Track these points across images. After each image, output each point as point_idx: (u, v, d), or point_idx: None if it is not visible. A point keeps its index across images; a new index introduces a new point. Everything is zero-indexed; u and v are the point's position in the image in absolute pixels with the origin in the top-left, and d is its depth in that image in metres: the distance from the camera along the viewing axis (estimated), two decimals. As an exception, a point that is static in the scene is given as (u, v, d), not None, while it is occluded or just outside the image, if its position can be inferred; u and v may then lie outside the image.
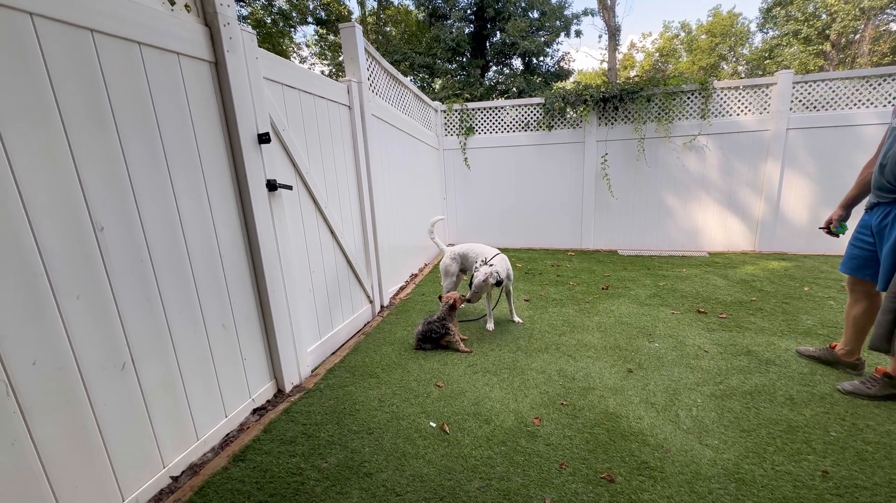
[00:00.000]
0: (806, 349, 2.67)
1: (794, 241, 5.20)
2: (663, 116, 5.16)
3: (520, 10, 15.39)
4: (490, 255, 3.26)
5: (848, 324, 2.43)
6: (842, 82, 4.77)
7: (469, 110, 5.87)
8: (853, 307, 2.39)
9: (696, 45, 25.21)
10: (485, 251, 3.39)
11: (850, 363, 2.45)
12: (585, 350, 2.84)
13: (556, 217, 5.93)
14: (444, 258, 3.63)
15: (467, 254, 3.53)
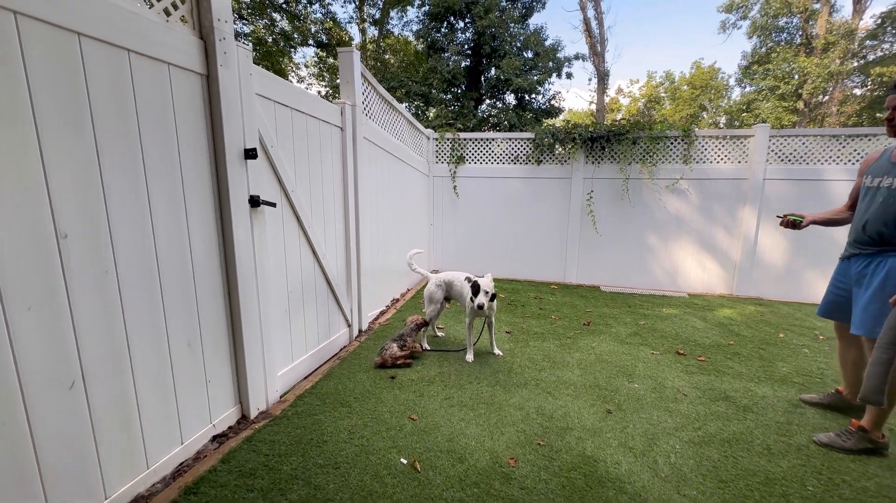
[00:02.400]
0: (811, 397, 2.68)
1: (770, 287, 5.32)
2: (647, 159, 5.34)
3: (515, 49, 16.04)
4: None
5: (847, 368, 2.50)
6: (813, 139, 5.04)
7: (461, 140, 5.97)
8: (847, 352, 2.48)
9: (679, 94, 26.58)
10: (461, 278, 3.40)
11: (858, 405, 2.44)
12: (565, 387, 2.79)
13: (541, 250, 5.98)
14: (429, 284, 3.58)
15: (452, 282, 3.49)
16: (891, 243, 2.11)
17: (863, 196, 2.27)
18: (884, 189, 2.14)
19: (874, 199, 2.17)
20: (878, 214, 2.14)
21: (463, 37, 16.03)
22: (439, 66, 15.08)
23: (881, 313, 2.04)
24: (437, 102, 17.42)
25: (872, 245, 2.18)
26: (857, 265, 2.26)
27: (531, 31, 16.40)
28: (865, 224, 2.20)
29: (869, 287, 2.15)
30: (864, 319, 2.15)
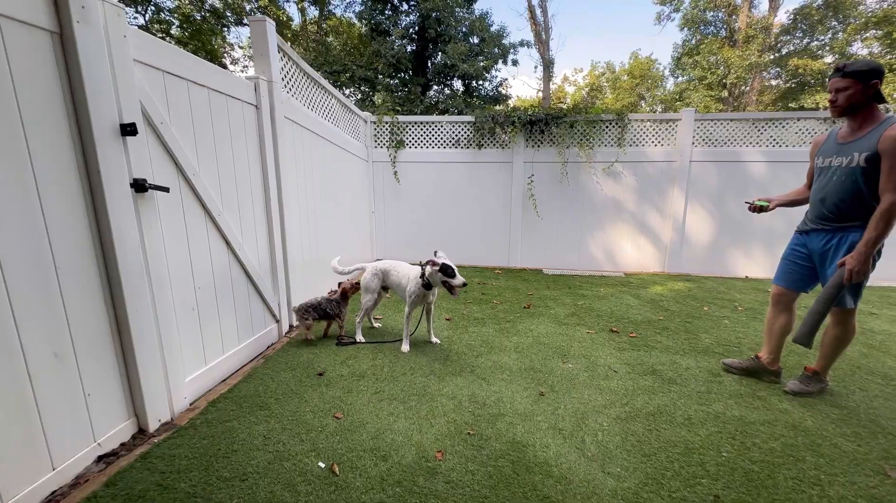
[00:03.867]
0: (732, 361, 2.84)
1: (697, 264, 5.64)
2: (585, 142, 5.42)
3: (461, 35, 15.86)
4: (416, 271, 3.08)
5: (770, 336, 2.67)
6: (734, 123, 5.34)
7: (400, 123, 5.76)
8: (776, 319, 2.64)
9: (620, 84, 27.67)
10: (411, 270, 3.20)
11: (773, 370, 2.68)
12: (500, 372, 2.74)
13: (485, 235, 5.95)
14: (365, 273, 3.41)
15: (389, 271, 3.34)
16: (848, 217, 2.26)
17: (817, 176, 2.43)
18: (835, 168, 2.30)
19: (829, 178, 2.32)
20: (834, 192, 2.29)
21: (407, 20, 15.59)
22: (383, 50, 14.61)
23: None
24: (384, 87, 16.93)
25: (832, 220, 2.33)
26: (818, 241, 2.40)
27: (476, 16, 16.27)
28: (824, 199, 2.34)
29: (833, 263, 2.29)
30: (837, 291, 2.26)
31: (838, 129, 2.37)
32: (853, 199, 2.24)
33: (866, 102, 2.17)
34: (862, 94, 2.15)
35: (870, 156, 2.13)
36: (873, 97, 2.17)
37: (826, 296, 2.22)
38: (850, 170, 2.22)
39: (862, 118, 2.21)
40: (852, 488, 1.74)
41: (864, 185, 2.19)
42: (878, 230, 2.11)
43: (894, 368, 2.88)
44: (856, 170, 2.20)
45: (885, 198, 2.11)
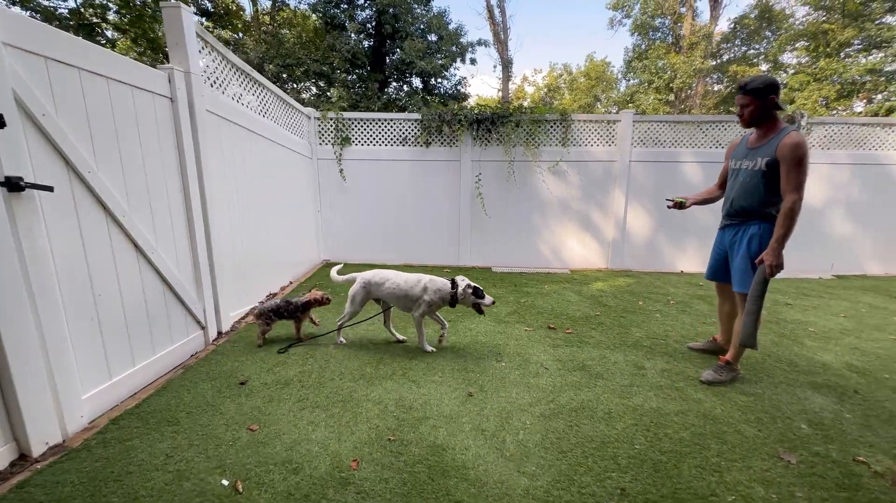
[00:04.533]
0: (696, 344, 3.17)
1: (638, 260, 5.88)
2: (530, 141, 5.50)
3: (418, 32, 15.75)
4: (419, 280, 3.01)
5: (722, 320, 2.95)
6: (669, 125, 5.58)
7: (345, 120, 5.61)
8: (723, 306, 2.93)
9: (577, 85, 28.47)
10: (419, 278, 3.03)
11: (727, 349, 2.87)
12: (433, 374, 2.71)
13: (434, 233, 5.92)
14: (355, 283, 3.15)
15: (382, 283, 3.06)
16: (749, 214, 2.52)
17: (730, 176, 2.67)
18: (743, 170, 2.54)
19: (737, 179, 2.58)
20: (741, 191, 2.55)
21: (363, 14, 15.29)
22: (339, 45, 14.26)
23: (747, 271, 2.50)
24: (340, 83, 16.54)
25: (739, 216, 2.59)
26: (729, 234, 2.67)
27: (434, 13, 16.21)
28: (732, 200, 2.61)
29: (738, 252, 2.57)
30: (737, 278, 2.58)
31: (750, 135, 2.58)
32: (755, 198, 2.48)
33: (767, 114, 2.41)
34: (762, 107, 2.40)
35: (770, 161, 2.37)
36: (773, 108, 2.40)
37: (755, 293, 2.41)
38: (755, 172, 2.45)
39: (766, 127, 2.46)
40: (748, 472, 1.83)
41: (764, 186, 2.43)
42: (784, 227, 2.32)
43: (800, 356, 3.09)
44: (758, 172, 2.43)
45: (787, 198, 2.33)
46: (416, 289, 2.98)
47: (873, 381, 2.70)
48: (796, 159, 2.29)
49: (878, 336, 3.51)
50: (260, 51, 15.42)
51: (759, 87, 2.35)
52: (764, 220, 2.48)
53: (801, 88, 16.28)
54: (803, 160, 2.29)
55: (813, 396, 2.50)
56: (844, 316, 4.00)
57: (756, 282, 2.42)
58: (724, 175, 2.81)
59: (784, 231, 2.33)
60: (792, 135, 2.32)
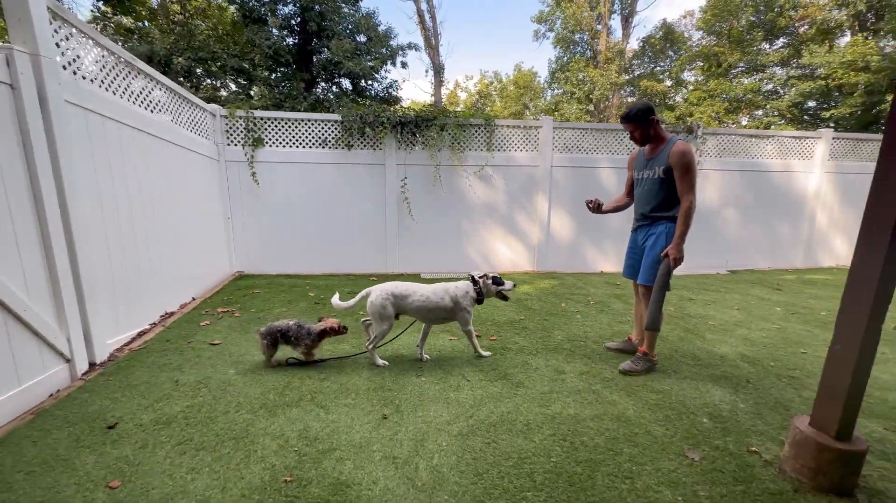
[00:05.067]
0: (612, 344, 3.27)
1: (562, 262, 6.07)
2: (456, 146, 5.45)
3: (347, 32, 15.29)
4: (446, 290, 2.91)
5: (637, 320, 3.08)
6: (586, 132, 5.84)
7: (257, 119, 5.15)
8: (639, 306, 3.03)
9: (507, 93, 29.49)
10: (446, 287, 2.91)
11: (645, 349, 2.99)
12: (346, 396, 2.48)
13: (360, 240, 5.64)
14: (373, 299, 2.82)
15: (407, 295, 2.83)
16: (657, 217, 2.76)
17: (636, 185, 2.91)
18: (645, 179, 2.79)
19: (642, 187, 2.82)
20: (646, 198, 2.80)
21: (286, 9, 14.49)
22: (258, 40, 13.36)
23: (653, 266, 2.72)
24: (262, 81, 15.55)
25: (647, 219, 2.83)
26: (641, 235, 2.89)
27: (363, 14, 15.85)
28: (640, 205, 2.87)
29: (645, 249, 2.81)
30: (643, 272, 2.81)
31: (645, 147, 2.81)
32: (658, 201, 2.71)
33: (653, 131, 2.69)
34: (647, 129, 2.67)
35: (665, 168, 2.62)
36: (656, 124, 2.67)
37: (660, 284, 2.67)
38: (654, 180, 2.69)
39: (656, 141, 2.74)
40: (656, 476, 1.84)
41: (664, 191, 2.66)
42: (684, 225, 2.61)
43: (702, 349, 3.30)
44: (657, 180, 2.67)
45: (683, 199, 2.59)
46: (446, 300, 2.87)
47: (762, 370, 2.94)
48: (684, 165, 2.55)
49: (765, 326, 3.88)
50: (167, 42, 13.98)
51: (638, 115, 2.64)
52: (668, 221, 2.72)
53: (698, 103, 18.23)
54: (691, 165, 2.55)
55: (713, 389, 2.65)
56: (738, 308, 4.40)
57: (661, 275, 2.67)
58: (629, 184, 3.03)
59: (684, 228, 2.60)
60: (678, 144, 2.58)
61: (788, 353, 3.25)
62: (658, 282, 2.67)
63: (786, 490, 1.78)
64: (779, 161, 6.44)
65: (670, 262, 2.62)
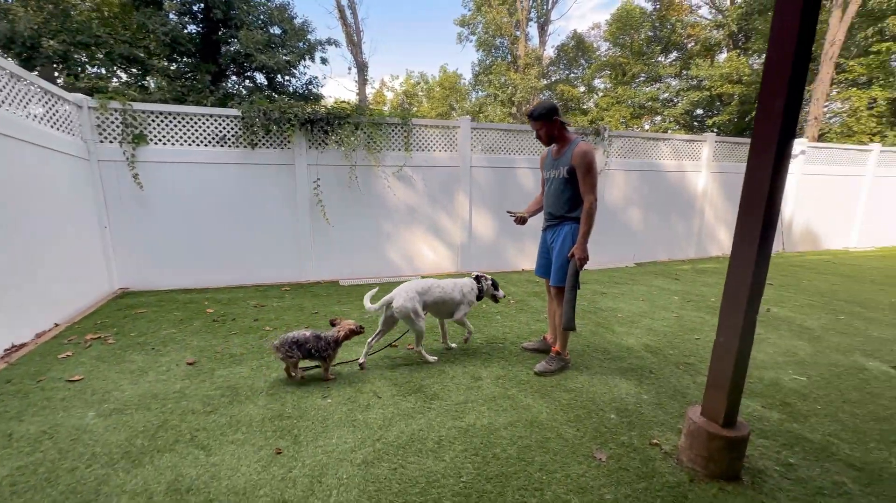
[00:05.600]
0: (529, 344, 3.27)
1: (485, 262, 6.10)
2: (372, 145, 5.21)
3: (258, 22, 14.23)
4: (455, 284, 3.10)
5: (551, 319, 3.06)
6: (503, 133, 5.92)
7: (137, 113, 4.47)
8: (551, 305, 3.01)
9: (433, 94, 29.60)
10: (457, 282, 3.13)
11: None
12: (234, 431, 2.15)
13: (270, 247, 5.17)
14: (399, 301, 2.82)
15: (428, 289, 2.96)
16: (563, 217, 2.77)
17: (546, 185, 2.91)
18: (552, 179, 2.80)
19: (550, 187, 2.83)
20: (553, 198, 2.80)
21: (186, -6, 13.09)
22: (152, 25, 11.91)
23: (562, 268, 2.73)
24: (159, 71, 13.94)
25: (555, 218, 2.83)
26: (549, 235, 2.90)
27: (276, 4, 14.86)
28: (548, 205, 2.87)
29: (555, 250, 2.80)
30: (553, 274, 2.82)
31: (552, 148, 2.82)
32: (563, 201, 2.73)
33: (557, 131, 2.71)
34: (552, 128, 2.69)
35: (569, 169, 2.64)
36: (563, 125, 2.71)
37: (570, 284, 2.69)
38: (560, 180, 2.70)
39: (561, 142, 2.76)
40: (566, 483, 1.80)
41: (569, 191, 2.69)
42: (587, 225, 2.65)
43: (612, 342, 3.43)
44: (563, 180, 2.68)
45: (585, 199, 2.63)
46: (456, 293, 3.07)
47: (662, 359, 3.11)
48: (586, 165, 2.58)
49: (665, 315, 4.17)
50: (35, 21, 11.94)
51: (543, 113, 2.65)
52: (573, 222, 2.75)
53: (608, 108, 19.71)
54: (592, 165, 2.59)
55: (620, 382, 2.73)
56: (643, 300, 4.70)
57: (569, 275, 2.69)
58: (543, 184, 3.03)
59: (587, 228, 2.64)
60: (581, 145, 2.62)
61: (685, 341, 3.49)
62: (568, 282, 2.69)
63: (683, 481, 1.83)
64: (674, 162, 7.07)
65: (577, 262, 2.65)
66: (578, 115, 21.77)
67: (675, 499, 1.73)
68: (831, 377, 2.85)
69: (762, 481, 1.83)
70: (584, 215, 2.62)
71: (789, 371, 2.94)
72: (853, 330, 3.77)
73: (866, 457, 2.01)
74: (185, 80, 14.13)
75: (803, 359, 3.15)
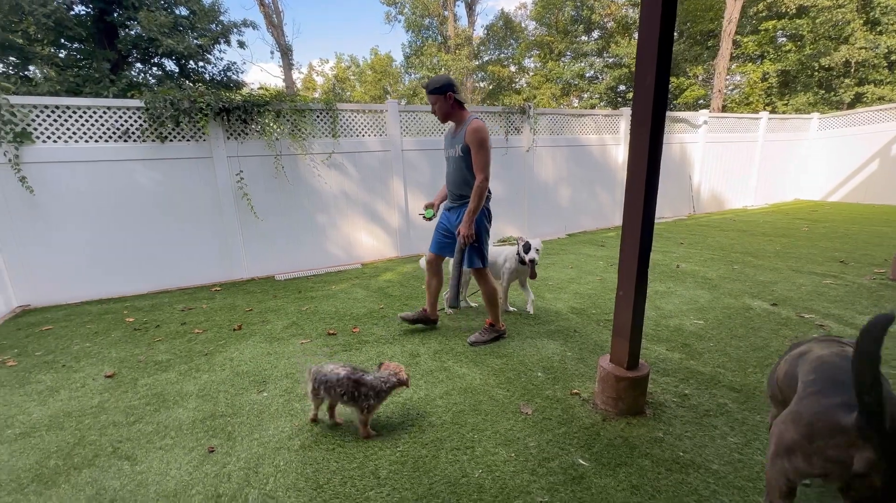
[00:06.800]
0: (407, 314, 3.24)
1: (424, 245, 6.15)
2: (297, 133, 5.02)
3: (161, 2, 12.91)
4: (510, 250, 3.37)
5: (428, 292, 3.19)
6: (430, 115, 5.94)
7: (17, 107, 3.95)
8: (432, 280, 3.17)
9: (365, 77, 28.71)
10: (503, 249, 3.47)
11: (434, 319, 3.27)
12: (162, 437, 2.08)
13: (195, 247, 4.86)
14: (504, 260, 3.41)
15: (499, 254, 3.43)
16: (463, 196, 2.80)
17: (447, 165, 2.92)
18: (450, 158, 2.83)
19: (449, 167, 2.86)
20: (452, 177, 2.84)
21: (66, -31, 11.54)
22: (27, 6, 10.40)
23: (471, 248, 2.81)
24: (44, 60, 12.30)
25: (457, 200, 2.87)
26: (454, 216, 2.91)
27: (180, -18, 13.52)
28: (449, 183, 2.90)
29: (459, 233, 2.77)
30: (467, 257, 2.82)
31: (451, 127, 2.87)
32: (462, 181, 2.78)
33: (454, 108, 2.73)
34: (445, 103, 2.70)
35: (463, 147, 2.69)
36: (457, 103, 2.72)
37: (456, 261, 2.81)
38: (457, 159, 2.75)
39: (457, 119, 2.79)
40: (495, 438, 1.95)
41: (465, 170, 2.72)
42: (475, 202, 2.67)
43: (541, 309, 3.67)
44: (459, 159, 2.75)
45: (476, 177, 2.66)
46: (499, 259, 3.42)
47: (586, 319, 3.39)
48: (477, 142, 2.60)
49: (591, 279, 4.51)
50: None
51: (437, 87, 2.67)
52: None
53: (539, 87, 20.31)
54: (484, 143, 2.62)
55: (548, 344, 2.95)
56: (571, 267, 5.04)
57: (457, 251, 2.77)
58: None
59: (474, 205, 2.67)
60: (474, 122, 2.63)
61: (606, 300, 3.81)
62: (455, 258, 2.79)
63: (597, 421, 2.05)
64: (595, 136, 7.52)
65: (463, 240, 2.69)
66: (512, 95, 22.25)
67: (589, 437, 1.94)
68: (724, 318, 3.28)
69: (661, 412, 2.10)
70: (474, 193, 2.63)
71: (691, 317, 3.33)
72: (744, 277, 4.32)
73: (745, 380, 2.37)
74: (78, 69, 12.64)
75: (703, 305, 3.58)
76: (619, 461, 1.78)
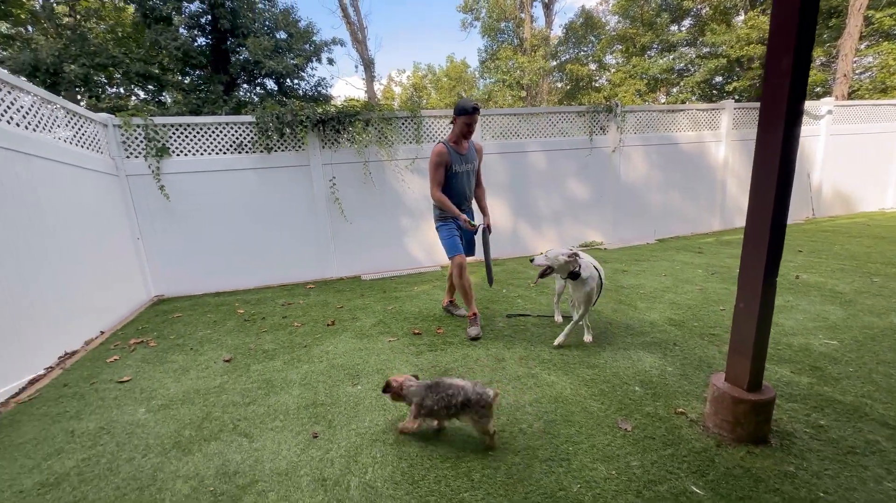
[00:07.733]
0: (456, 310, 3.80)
1: (502, 248, 6.11)
2: (383, 140, 5.27)
3: (264, 29, 14.46)
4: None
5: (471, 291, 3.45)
6: (512, 117, 5.89)
7: (158, 127, 4.67)
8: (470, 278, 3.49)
9: (440, 85, 29.42)
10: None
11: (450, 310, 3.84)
12: (273, 419, 2.28)
13: (293, 247, 5.33)
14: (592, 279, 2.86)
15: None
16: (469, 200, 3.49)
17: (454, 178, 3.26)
18: (466, 172, 3.29)
19: (464, 178, 3.30)
20: (466, 187, 3.35)
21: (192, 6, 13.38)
22: (164, 41, 12.26)
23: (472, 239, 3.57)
24: (174, 86, 14.36)
25: (466, 204, 3.45)
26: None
27: (280, 10, 15.03)
28: (465, 192, 3.37)
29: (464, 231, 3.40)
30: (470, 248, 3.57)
31: (451, 146, 3.17)
32: (472, 188, 3.45)
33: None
34: None
35: (477, 161, 3.36)
36: None
37: (486, 250, 3.40)
38: (472, 172, 3.35)
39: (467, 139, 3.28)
40: (592, 453, 1.85)
41: (474, 179, 3.43)
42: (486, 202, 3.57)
43: (634, 318, 3.43)
44: (473, 171, 3.35)
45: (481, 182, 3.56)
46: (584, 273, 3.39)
47: (687, 332, 3.09)
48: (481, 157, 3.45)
49: (689, 289, 4.11)
50: (56, 48, 12.47)
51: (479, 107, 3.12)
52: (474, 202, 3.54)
53: (621, 83, 19.19)
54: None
55: (644, 356, 2.74)
56: (665, 275, 4.64)
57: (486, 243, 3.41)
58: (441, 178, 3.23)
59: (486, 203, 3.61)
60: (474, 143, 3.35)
61: (710, 312, 3.45)
62: (485, 249, 3.42)
63: (710, 446, 1.85)
64: (692, 133, 6.88)
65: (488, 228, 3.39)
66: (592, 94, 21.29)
67: (702, 463, 1.75)
68: (865, 340, 2.78)
69: (791, 443, 1.83)
70: (482, 197, 3.57)
71: (819, 336, 2.88)
72: (888, 292, 3.64)
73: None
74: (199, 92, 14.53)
75: (835, 323, 3.07)
76: (741, 494, 1.58)
